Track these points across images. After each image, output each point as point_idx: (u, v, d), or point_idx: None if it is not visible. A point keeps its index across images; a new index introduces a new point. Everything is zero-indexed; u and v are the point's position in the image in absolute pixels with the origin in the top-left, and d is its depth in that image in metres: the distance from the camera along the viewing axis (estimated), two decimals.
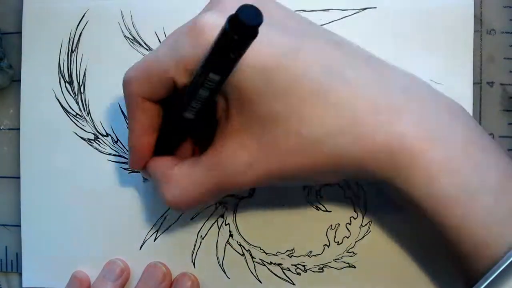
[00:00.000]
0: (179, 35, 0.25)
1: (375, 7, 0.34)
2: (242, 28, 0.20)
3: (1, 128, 0.38)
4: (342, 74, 0.24)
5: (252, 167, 0.25)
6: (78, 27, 0.36)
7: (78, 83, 0.36)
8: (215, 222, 0.35)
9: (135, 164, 0.29)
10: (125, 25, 0.36)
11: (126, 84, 0.27)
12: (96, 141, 0.36)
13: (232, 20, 0.20)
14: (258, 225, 0.35)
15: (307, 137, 0.24)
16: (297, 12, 0.34)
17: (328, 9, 0.34)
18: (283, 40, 0.24)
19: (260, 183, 0.25)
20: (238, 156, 0.25)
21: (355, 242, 0.34)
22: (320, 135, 0.24)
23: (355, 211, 0.34)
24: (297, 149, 0.24)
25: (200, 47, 0.23)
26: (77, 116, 0.36)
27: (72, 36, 0.36)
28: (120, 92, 0.36)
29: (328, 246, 0.34)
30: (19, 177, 0.36)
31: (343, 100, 0.24)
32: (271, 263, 0.35)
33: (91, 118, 0.36)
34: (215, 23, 0.23)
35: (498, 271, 0.23)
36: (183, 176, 0.27)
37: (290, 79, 0.23)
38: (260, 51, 0.23)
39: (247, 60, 0.23)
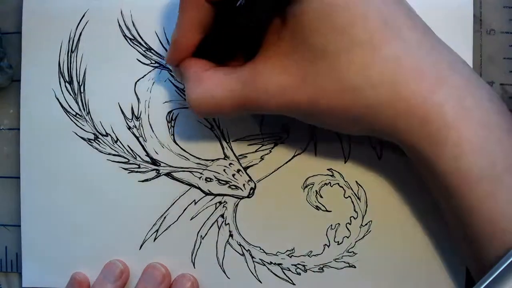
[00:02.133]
0: None
1: None
2: None
3: (1, 128, 0.38)
4: (399, 30, 0.24)
5: (285, 92, 0.25)
6: (78, 27, 0.36)
7: (78, 83, 0.36)
8: (215, 222, 0.35)
9: (173, 59, 0.29)
10: (125, 25, 0.36)
11: None
12: (96, 141, 0.36)
13: None
14: (258, 225, 0.35)
15: (349, 80, 0.24)
16: None
17: None
18: None
19: (284, 111, 0.25)
20: (275, 78, 0.25)
21: (355, 242, 0.34)
22: (361, 82, 0.24)
23: (355, 211, 0.34)
24: (334, 89, 0.24)
25: None
26: (77, 116, 0.36)
27: (72, 36, 0.36)
28: (120, 92, 0.36)
29: (328, 246, 0.34)
30: (19, 177, 0.36)
31: (393, 55, 0.24)
32: (271, 263, 0.35)
33: (91, 118, 0.36)
34: None
35: (498, 271, 0.23)
36: (214, 79, 0.26)
37: (350, 21, 0.23)
38: None
39: None
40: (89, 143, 0.36)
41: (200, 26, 0.27)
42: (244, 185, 0.35)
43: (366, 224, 0.34)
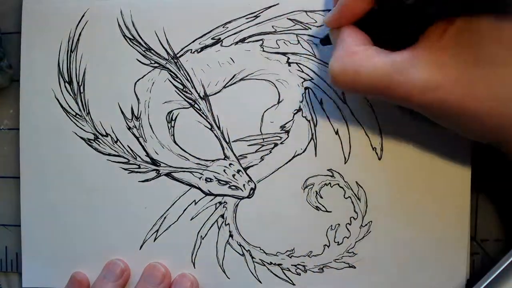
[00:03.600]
0: None
1: None
2: None
3: (1, 128, 0.38)
4: None
5: (435, 90, 0.24)
6: (78, 27, 0.36)
7: (78, 83, 0.36)
8: (215, 222, 0.35)
9: (333, 22, 0.28)
10: (124, 24, 0.36)
11: None
12: (96, 141, 0.36)
13: None
14: (258, 225, 0.35)
15: (506, 92, 0.23)
16: (298, 12, 0.34)
17: (329, 10, 0.34)
18: None
19: (423, 107, 0.24)
20: (429, 73, 0.24)
21: (355, 242, 0.34)
22: None
23: (355, 211, 0.34)
24: (488, 96, 0.23)
25: None
26: (77, 116, 0.36)
27: (71, 36, 0.36)
28: (119, 92, 0.36)
29: (328, 246, 0.34)
30: (19, 177, 0.36)
31: None
32: (271, 263, 0.35)
33: (91, 118, 0.36)
34: None
35: (498, 271, 0.23)
36: (364, 55, 0.26)
37: None
38: None
39: None
40: (89, 143, 0.36)
41: None
42: (244, 185, 0.35)
43: (366, 225, 0.34)
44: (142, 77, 0.36)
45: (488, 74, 0.23)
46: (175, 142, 0.36)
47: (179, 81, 0.35)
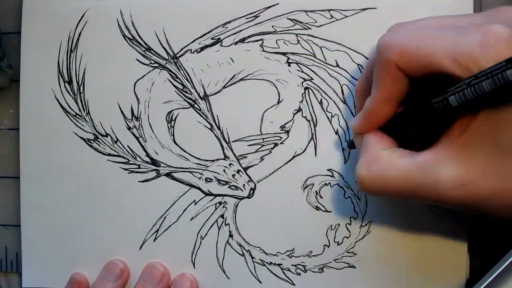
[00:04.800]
0: (465, 30, 0.24)
1: (375, 7, 0.34)
2: None
3: (1, 128, 0.38)
4: None
5: (465, 186, 0.24)
6: (78, 27, 0.36)
7: (78, 83, 0.36)
8: (215, 222, 0.35)
9: (361, 127, 0.28)
10: (124, 24, 0.36)
11: (386, 49, 0.26)
12: (96, 141, 0.36)
13: None
14: (258, 225, 0.35)
15: None
16: (298, 12, 0.34)
17: (329, 10, 0.34)
18: None
19: (459, 204, 0.25)
20: (456, 170, 0.24)
21: (355, 242, 0.34)
22: None
23: (355, 211, 0.34)
24: None
25: (490, 52, 0.23)
26: (77, 116, 0.36)
27: (71, 35, 0.36)
28: (119, 92, 0.36)
29: (328, 246, 0.34)
30: (19, 177, 0.36)
31: None
32: (271, 263, 0.35)
33: (91, 118, 0.36)
34: (509, 36, 0.23)
35: (498, 271, 0.23)
36: (388, 159, 0.26)
37: None
38: None
39: None
40: (89, 143, 0.36)
41: (394, 100, 0.27)
42: (244, 185, 0.35)
43: (366, 225, 0.34)
44: (142, 77, 0.36)
45: (503, 166, 0.23)
46: (175, 142, 0.36)
47: (179, 81, 0.35)
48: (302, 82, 0.35)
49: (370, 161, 0.26)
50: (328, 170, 0.34)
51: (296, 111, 0.35)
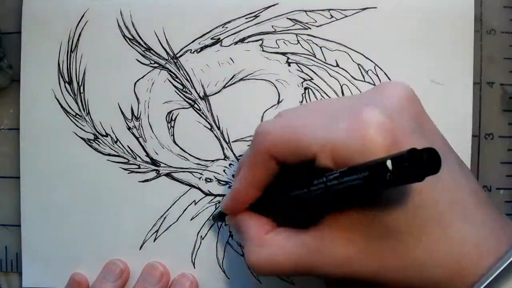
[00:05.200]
0: (337, 116, 0.24)
1: (375, 7, 0.34)
2: (417, 168, 0.19)
3: (1, 128, 0.38)
4: (465, 210, 0.24)
5: (351, 263, 0.25)
6: (78, 27, 0.36)
7: (78, 83, 0.36)
8: (215, 222, 0.35)
9: (230, 210, 0.29)
10: (124, 25, 0.36)
11: (261, 137, 0.26)
12: (96, 141, 0.36)
13: (414, 156, 0.19)
14: None
15: (415, 258, 0.24)
16: (298, 12, 0.34)
17: (329, 9, 0.34)
18: None
19: (350, 280, 0.25)
20: (341, 249, 0.25)
21: None
22: (427, 260, 0.24)
23: None
24: (399, 265, 0.24)
25: (357, 141, 0.23)
26: (77, 116, 0.36)
27: (71, 36, 0.36)
28: (119, 92, 0.36)
29: None
30: (19, 177, 0.36)
31: (459, 236, 0.24)
32: None
33: (91, 118, 0.36)
34: (378, 122, 0.23)
35: (498, 271, 0.23)
36: (276, 244, 0.26)
37: (421, 203, 0.23)
38: None
39: None
40: (89, 143, 0.36)
41: (263, 184, 0.27)
42: None
43: None
44: (142, 77, 0.36)
45: (394, 243, 0.24)
46: (175, 142, 0.36)
47: (178, 81, 0.35)
48: (302, 82, 0.35)
49: (256, 249, 0.27)
50: None
51: None
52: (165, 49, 0.35)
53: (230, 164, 0.35)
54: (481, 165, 0.34)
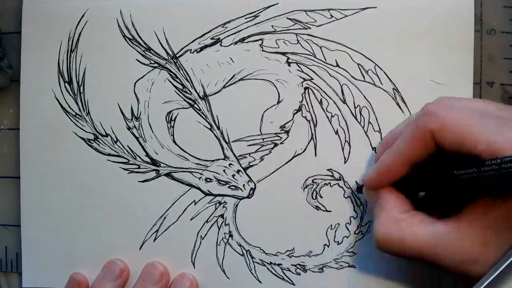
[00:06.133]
0: (508, 123, 0.25)
1: (375, 7, 0.34)
2: None
3: (1, 128, 0.38)
4: None
5: (476, 264, 0.25)
6: (78, 26, 0.36)
7: (78, 83, 0.36)
8: (215, 222, 0.35)
9: (374, 183, 0.29)
10: (124, 25, 0.36)
11: (431, 117, 0.26)
12: (96, 141, 0.36)
13: None
14: (258, 225, 0.35)
15: None
16: (298, 12, 0.34)
17: (329, 9, 0.34)
18: None
19: (462, 276, 0.25)
20: (475, 249, 0.25)
21: (355, 242, 0.34)
22: None
23: (354, 210, 0.34)
24: None
25: None
26: (77, 116, 0.36)
27: (71, 35, 0.36)
28: (119, 92, 0.36)
29: (328, 246, 0.34)
30: (19, 177, 0.36)
31: None
32: (271, 263, 0.35)
33: (91, 118, 0.36)
34: None
35: (498, 271, 0.23)
36: (409, 225, 0.27)
37: None
38: None
39: None
40: (89, 143, 0.36)
41: (415, 161, 0.27)
42: (244, 185, 0.35)
43: (365, 224, 0.34)
44: (142, 77, 0.36)
45: None
46: (174, 142, 0.36)
47: (178, 81, 0.35)
48: (302, 82, 0.35)
49: (388, 223, 0.27)
50: (328, 170, 0.34)
51: (296, 111, 0.35)
52: (165, 49, 0.35)
53: (230, 164, 0.35)
54: None
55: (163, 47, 0.35)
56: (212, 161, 0.35)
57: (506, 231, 0.24)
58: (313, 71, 0.34)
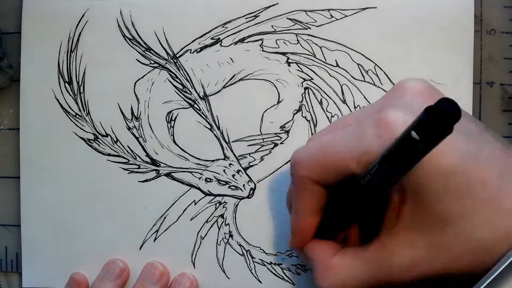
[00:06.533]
0: (363, 126, 0.25)
1: (375, 7, 0.34)
2: (441, 121, 0.19)
3: (1, 128, 0.38)
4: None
5: (417, 265, 0.25)
6: (78, 27, 0.36)
7: (78, 83, 0.36)
8: (215, 222, 0.35)
9: (296, 245, 0.29)
10: (124, 24, 0.36)
11: (296, 165, 0.27)
12: (96, 141, 0.36)
13: (432, 112, 0.19)
14: (258, 225, 0.35)
15: (477, 241, 0.24)
16: (298, 12, 0.34)
17: (329, 9, 0.34)
18: (466, 144, 0.24)
19: (418, 281, 0.25)
20: (405, 254, 0.25)
21: None
22: (488, 240, 0.24)
23: None
24: (464, 252, 0.24)
25: (387, 141, 0.23)
26: (77, 116, 0.36)
27: (71, 36, 0.36)
28: (119, 92, 0.36)
29: None
30: (19, 177, 0.36)
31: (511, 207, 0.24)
32: (271, 263, 0.35)
33: (91, 118, 0.36)
34: (404, 121, 0.23)
35: (498, 271, 0.23)
36: (343, 267, 0.27)
37: (468, 183, 0.24)
38: (444, 153, 0.23)
39: (430, 160, 0.22)
40: (89, 143, 0.36)
41: (317, 209, 0.27)
42: (244, 185, 0.35)
43: None
44: (142, 77, 0.36)
45: (453, 232, 0.24)
46: (174, 142, 0.36)
47: (178, 81, 0.35)
48: (302, 82, 0.35)
49: (325, 274, 0.27)
50: None
51: (296, 111, 0.35)
52: (165, 49, 0.35)
53: (230, 164, 0.35)
54: None
55: (163, 47, 0.35)
56: (212, 161, 0.35)
57: (421, 225, 0.24)
58: (313, 71, 0.34)
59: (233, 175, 0.35)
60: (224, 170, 0.35)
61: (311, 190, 0.27)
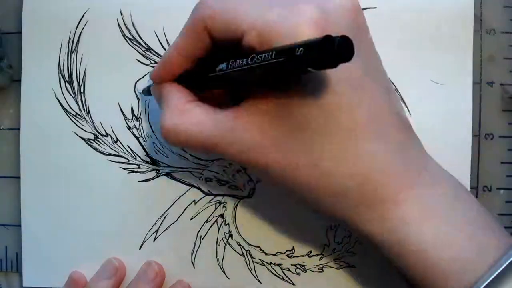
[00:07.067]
0: (274, 4, 0.24)
1: (375, 7, 0.34)
2: (331, 55, 0.19)
3: (1, 128, 0.38)
4: (383, 127, 0.24)
5: (257, 151, 0.25)
6: (78, 27, 0.36)
7: (78, 83, 0.36)
8: (215, 222, 0.35)
9: (157, 77, 0.29)
10: (124, 25, 0.36)
11: (201, 8, 0.26)
12: (96, 141, 0.36)
13: (326, 42, 0.19)
14: (258, 225, 0.35)
15: (322, 161, 0.24)
16: None
17: None
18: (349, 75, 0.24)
19: (251, 167, 0.26)
20: (251, 134, 0.25)
21: (355, 242, 0.34)
22: (333, 168, 0.24)
23: None
24: (305, 164, 0.24)
25: (287, 27, 0.23)
26: (77, 116, 0.36)
27: (72, 36, 0.36)
28: (120, 92, 0.36)
29: (328, 246, 0.34)
30: (19, 177, 0.36)
31: (371, 151, 0.24)
32: (270, 263, 0.35)
33: (91, 118, 0.36)
34: (314, 20, 0.23)
35: (498, 271, 0.23)
36: (192, 117, 0.26)
37: (339, 107, 0.24)
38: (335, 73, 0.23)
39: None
40: (89, 143, 0.36)
41: (193, 55, 0.27)
42: (244, 185, 0.35)
43: None
44: (142, 77, 0.36)
45: (304, 141, 0.24)
46: None
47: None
48: None
49: (174, 114, 0.27)
50: None
51: None
52: (165, 49, 0.35)
53: (230, 164, 0.35)
54: (481, 165, 0.34)
55: (163, 47, 0.35)
56: (212, 160, 0.35)
57: (278, 120, 0.24)
58: None
59: (233, 175, 0.35)
60: (224, 170, 0.35)
61: (199, 36, 0.26)
